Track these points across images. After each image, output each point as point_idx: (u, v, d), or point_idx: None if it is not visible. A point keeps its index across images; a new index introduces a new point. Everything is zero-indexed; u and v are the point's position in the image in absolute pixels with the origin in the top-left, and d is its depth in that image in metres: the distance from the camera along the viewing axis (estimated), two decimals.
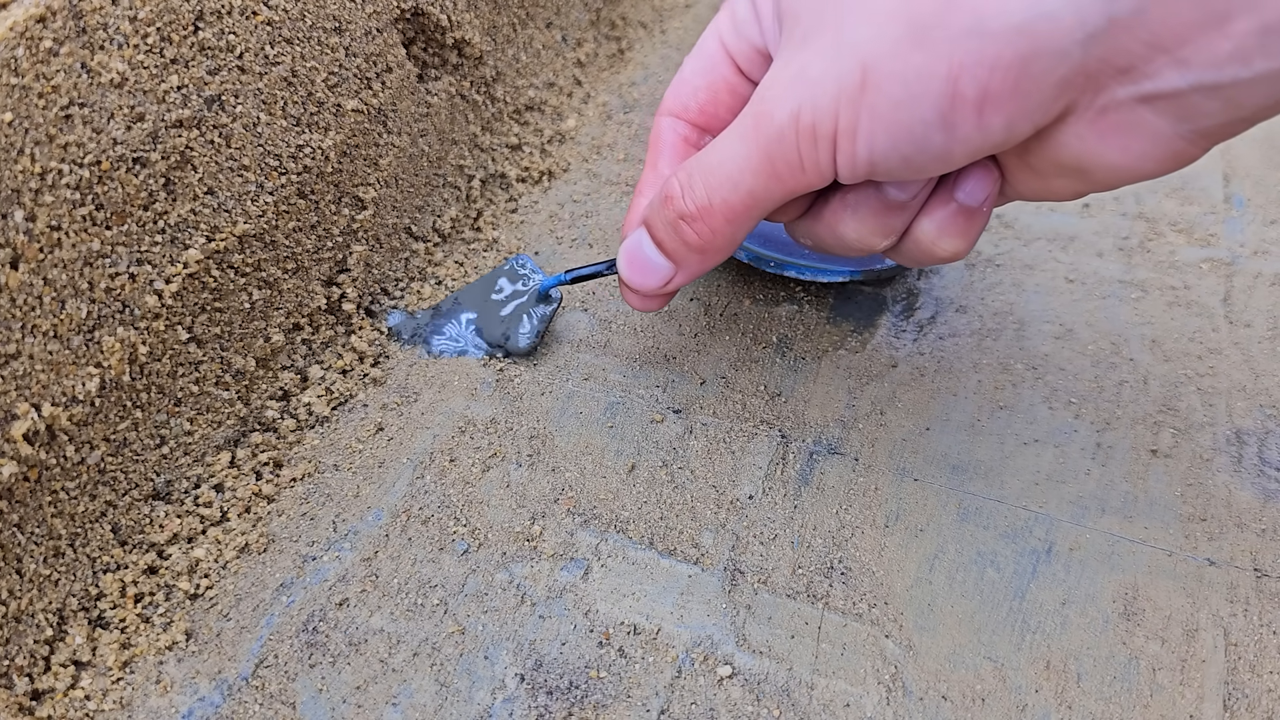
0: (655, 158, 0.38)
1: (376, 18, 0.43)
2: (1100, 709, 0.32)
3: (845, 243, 0.34)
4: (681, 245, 0.34)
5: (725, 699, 0.32)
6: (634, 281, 0.36)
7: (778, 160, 0.31)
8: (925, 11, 0.27)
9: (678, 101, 0.37)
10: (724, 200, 0.32)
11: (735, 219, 0.32)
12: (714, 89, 0.37)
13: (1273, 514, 0.37)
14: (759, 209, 0.32)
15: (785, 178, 0.31)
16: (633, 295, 0.37)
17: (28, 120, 0.31)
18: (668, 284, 0.36)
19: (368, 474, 0.39)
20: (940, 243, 0.33)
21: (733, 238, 0.33)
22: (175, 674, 0.33)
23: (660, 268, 0.35)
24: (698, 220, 0.33)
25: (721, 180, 0.32)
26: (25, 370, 0.31)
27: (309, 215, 0.41)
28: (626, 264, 0.36)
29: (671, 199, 0.33)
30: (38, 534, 0.32)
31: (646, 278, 0.36)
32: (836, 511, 0.38)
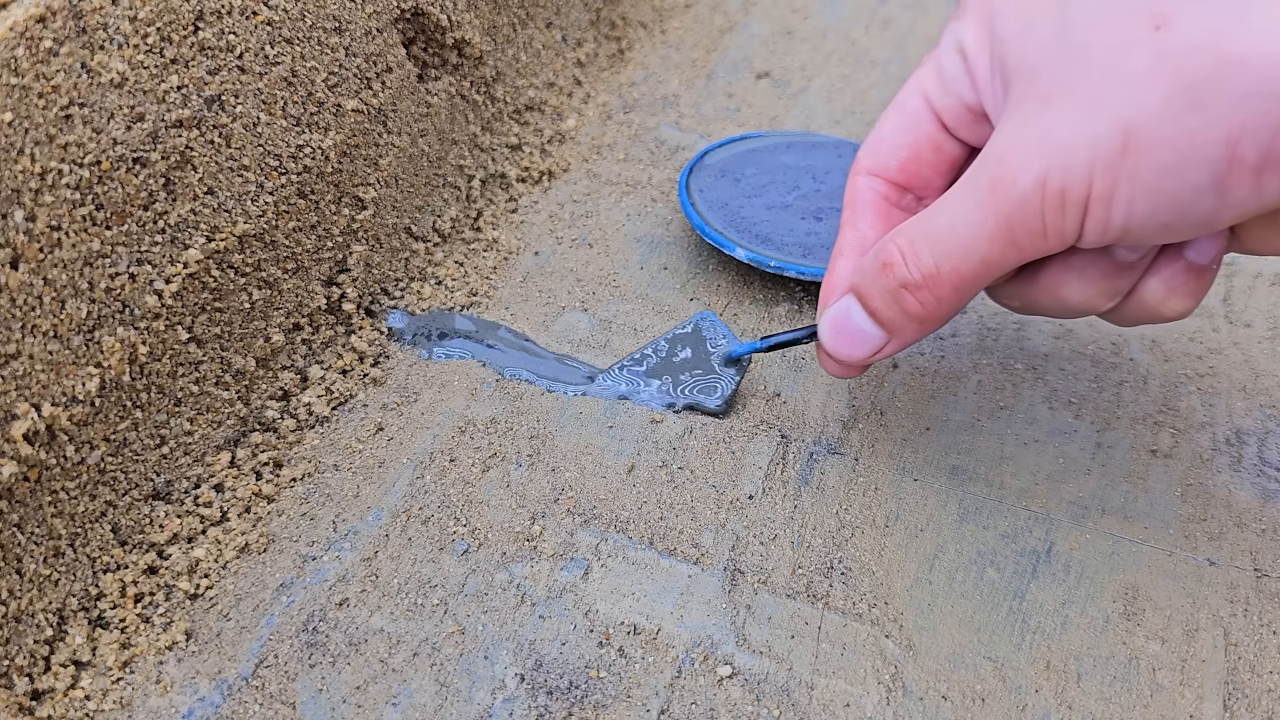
0: (854, 217, 0.36)
1: (376, 18, 0.43)
2: (1100, 709, 0.32)
3: (1066, 306, 0.32)
4: (900, 314, 0.32)
5: (725, 699, 0.32)
6: (840, 352, 0.34)
7: (1018, 227, 0.29)
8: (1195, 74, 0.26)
9: (876, 160, 0.36)
10: (954, 269, 0.31)
11: (963, 288, 0.31)
12: (917, 147, 0.35)
13: (1273, 514, 0.37)
14: (989, 277, 0.31)
15: (1024, 245, 0.29)
16: (832, 364, 0.36)
17: (28, 120, 0.31)
18: (877, 354, 0.34)
19: (368, 474, 0.39)
20: (1168, 303, 0.32)
21: (956, 307, 0.32)
22: (175, 674, 0.33)
23: (871, 338, 0.33)
24: (923, 289, 0.31)
25: (953, 248, 0.30)
26: (25, 370, 0.31)
27: (309, 215, 0.41)
28: (832, 334, 0.34)
29: (892, 266, 0.32)
30: (38, 534, 0.32)
31: (855, 348, 0.34)
32: (836, 511, 0.38)
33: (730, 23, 0.62)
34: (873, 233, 0.36)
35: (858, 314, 0.33)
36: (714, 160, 0.50)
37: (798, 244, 0.45)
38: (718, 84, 0.58)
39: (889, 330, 0.33)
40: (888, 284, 0.32)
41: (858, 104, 0.56)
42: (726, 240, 0.45)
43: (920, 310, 0.32)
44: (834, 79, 0.58)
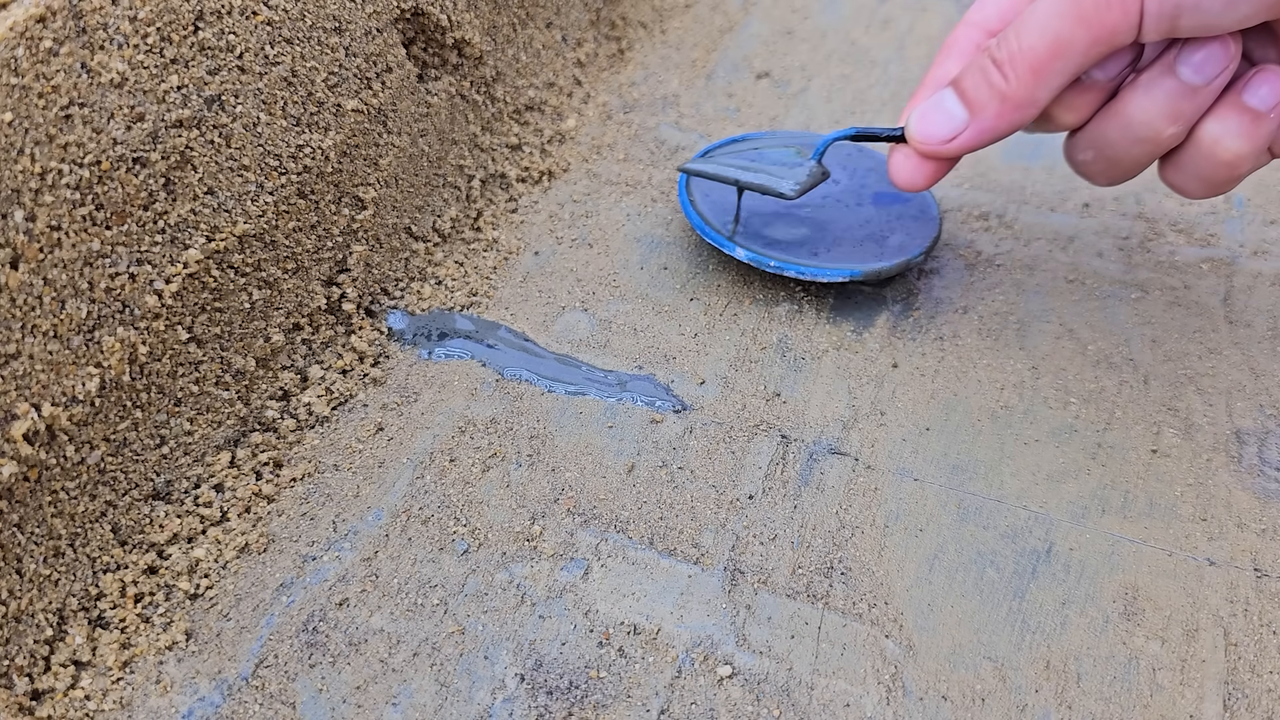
0: (944, 58, 0.39)
1: (376, 18, 0.43)
2: (1100, 709, 0.32)
3: (1132, 130, 0.35)
4: (986, 89, 0.35)
5: (725, 699, 0.32)
6: (922, 131, 0.37)
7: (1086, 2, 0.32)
8: None
9: (980, 14, 0.39)
10: (1031, 45, 0.33)
11: (1040, 67, 0.33)
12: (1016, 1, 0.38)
13: (1273, 514, 0.37)
14: (1063, 58, 0.33)
15: (1091, 18, 0.32)
16: (907, 163, 0.38)
17: (28, 120, 0.31)
18: (956, 137, 0.36)
19: (368, 474, 0.39)
20: (1223, 143, 0.34)
21: (1034, 90, 0.34)
22: (175, 674, 0.33)
23: (955, 117, 0.36)
24: (1005, 64, 0.34)
25: (1031, 26, 0.33)
26: (25, 370, 0.31)
27: (309, 215, 0.41)
28: (919, 117, 0.37)
29: (987, 49, 0.35)
30: (38, 534, 0.32)
31: (939, 127, 0.36)
32: (836, 511, 0.38)
33: (730, 23, 0.62)
34: (957, 70, 0.38)
35: (949, 97, 0.36)
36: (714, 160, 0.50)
37: (798, 244, 0.45)
38: (718, 84, 0.58)
39: (973, 109, 0.35)
40: (982, 62, 0.35)
41: (858, 104, 0.56)
42: (726, 240, 0.45)
43: (1002, 85, 0.34)
44: (834, 79, 0.58)
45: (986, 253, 0.48)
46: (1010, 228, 0.49)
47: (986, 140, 0.36)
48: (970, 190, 0.51)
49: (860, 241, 0.46)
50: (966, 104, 0.36)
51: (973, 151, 0.37)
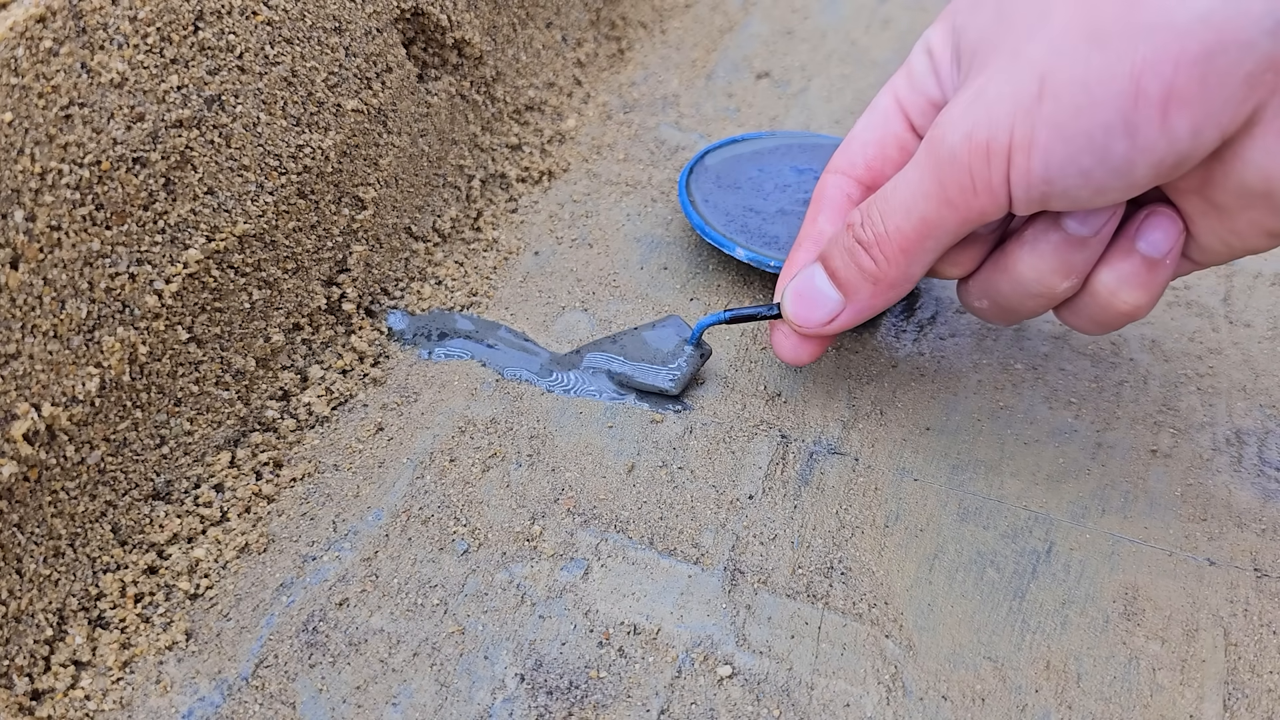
0: (816, 213, 0.38)
1: (376, 18, 0.43)
2: (1100, 709, 0.32)
3: (1023, 285, 0.33)
4: (856, 273, 0.34)
5: (725, 699, 0.32)
6: (798, 315, 0.36)
7: (949, 183, 0.30)
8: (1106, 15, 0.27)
9: (845, 159, 0.37)
10: (897, 227, 0.32)
11: (909, 248, 0.32)
12: (882, 145, 0.36)
13: (1273, 514, 0.37)
14: (932, 239, 0.32)
15: (957, 202, 0.30)
16: (787, 342, 0.37)
17: (28, 120, 0.31)
18: (833, 320, 0.35)
19: (368, 474, 0.39)
20: (1120, 294, 0.32)
21: (906, 270, 0.33)
22: (175, 674, 0.33)
23: (829, 300, 0.35)
24: (873, 246, 0.33)
25: (895, 207, 0.32)
26: (25, 370, 0.31)
27: (309, 215, 0.41)
28: (793, 299, 0.36)
29: (851, 226, 0.34)
30: (38, 534, 0.32)
31: (813, 311, 0.36)
32: (836, 511, 0.38)
33: (730, 23, 0.62)
34: (831, 227, 0.37)
35: (820, 277, 0.35)
36: (714, 160, 0.50)
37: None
38: (718, 84, 0.58)
39: (845, 291, 0.35)
40: (847, 242, 0.34)
41: (858, 104, 0.56)
42: (726, 240, 0.45)
43: (872, 268, 0.33)
44: (834, 79, 0.58)
45: None
46: None
47: (866, 316, 0.35)
48: None
49: None
50: (839, 286, 0.35)
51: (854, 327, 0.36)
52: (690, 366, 0.41)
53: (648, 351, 0.41)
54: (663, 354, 0.41)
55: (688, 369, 0.41)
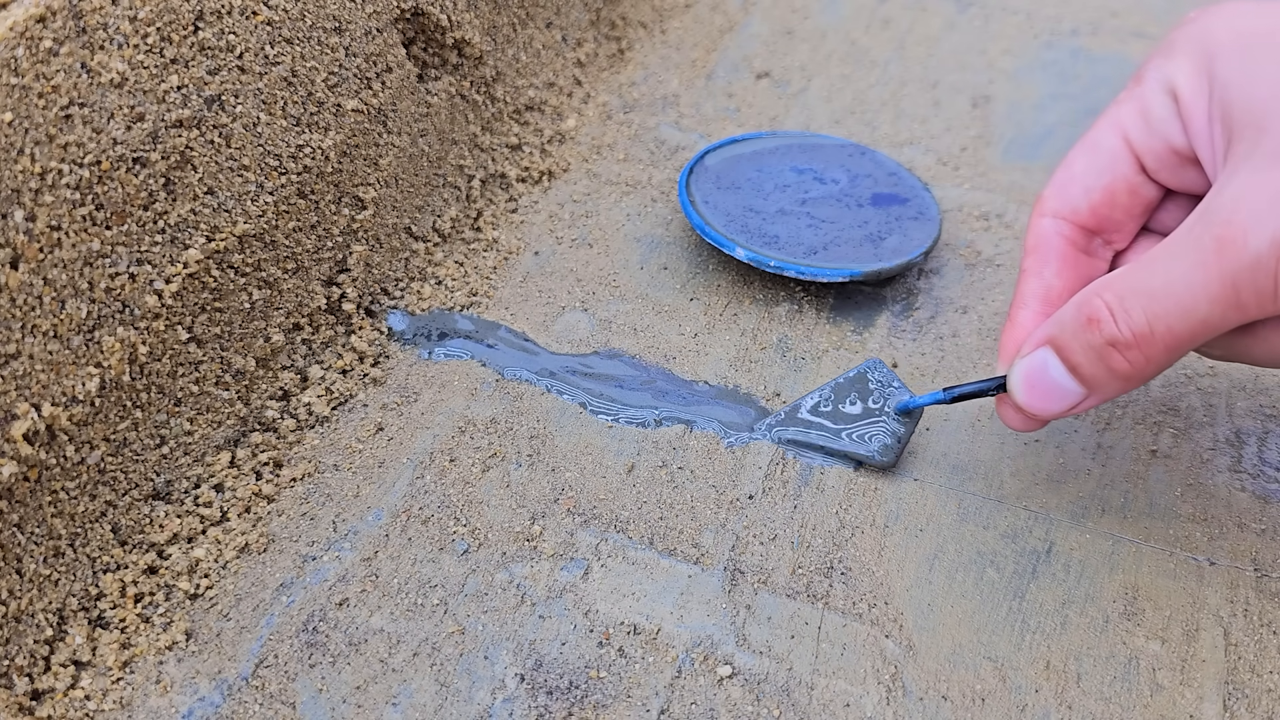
0: (1039, 265, 0.35)
1: (376, 18, 0.43)
2: (1100, 709, 0.32)
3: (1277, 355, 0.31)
4: (1105, 372, 0.31)
5: (725, 699, 0.32)
6: (1034, 407, 0.33)
7: (1245, 289, 0.28)
8: None
9: (1064, 202, 0.35)
10: (1169, 328, 0.29)
11: (1177, 348, 0.30)
12: (1111, 190, 0.34)
13: (1273, 514, 0.37)
14: (1205, 337, 0.29)
15: (1249, 307, 0.28)
16: (1017, 417, 0.34)
17: (28, 120, 0.31)
18: (1073, 410, 0.33)
19: (368, 474, 0.39)
20: None
21: (1165, 366, 0.30)
22: (175, 674, 0.33)
23: (1070, 393, 0.32)
24: (1133, 349, 0.30)
25: (1170, 308, 0.29)
26: (25, 370, 0.31)
27: (309, 215, 0.41)
28: (1026, 388, 0.33)
29: (1099, 323, 0.30)
30: (38, 534, 0.32)
31: (1051, 403, 0.32)
32: (836, 511, 0.38)
33: (730, 23, 0.62)
34: (1059, 281, 0.35)
35: (1055, 368, 0.32)
36: (714, 160, 0.50)
37: (799, 244, 0.45)
38: (718, 84, 0.58)
39: (1090, 387, 0.32)
40: (1093, 340, 0.30)
41: (858, 104, 0.56)
42: (726, 240, 0.45)
43: (1128, 370, 0.30)
44: (834, 79, 0.58)
45: (986, 253, 0.48)
46: (1010, 228, 0.49)
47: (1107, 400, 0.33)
48: (970, 190, 0.51)
49: (860, 242, 0.46)
50: (1081, 381, 0.32)
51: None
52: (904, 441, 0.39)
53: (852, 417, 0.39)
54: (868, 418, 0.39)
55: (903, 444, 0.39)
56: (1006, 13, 0.63)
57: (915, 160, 0.53)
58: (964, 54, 0.60)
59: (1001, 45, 0.60)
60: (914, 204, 0.48)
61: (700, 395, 0.42)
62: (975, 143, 0.54)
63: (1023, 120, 0.55)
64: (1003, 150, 0.53)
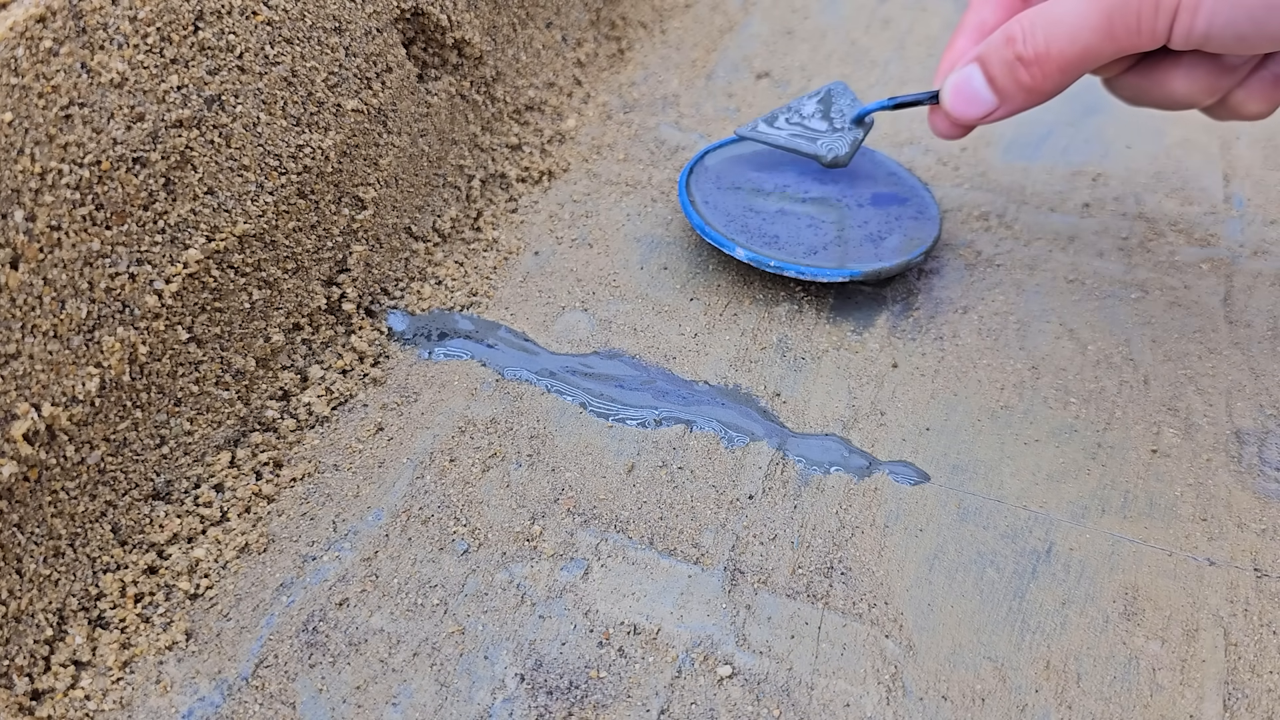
0: (982, 4, 0.42)
1: (376, 18, 0.43)
2: (1100, 709, 0.32)
3: (1172, 99, 0.38)
4: (1013, 83, 0.38)
5: (725, 699, 0.32)
6: (957, 110, 0.40)
7: (1116, 22, 0.34)
8: None
9: None
10: (1060, 50, 0.36)
11: (1067, 69, 0.36)
12: None
13: (1273, 514, 0.37)
14: (1089, 63, 0.36)
15: (1120, 39, 0.35)
16: (945, 123, 0.41)
17: (28, 120, 0.31)
18: (987, 117, 0.39)
19: (368, 474, 0.39)
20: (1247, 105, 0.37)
21: (1059, 85, 0.37)
22: (175, 674, 0.33)
23: (985, 101, 0.39)
24: (1033, 65, 0.37)
25: (1061, 32, 0.36)
26: (25, 370, 0.31)
27: (309, 215, 0.41)
28: (952, 95, 0.39)
29: (1013, 40, 0.37)
30: (38, 534, 0.32)
31: (970, 108, 0.39)
32: (836, 511, 0.38)
33: (730, 23, 0.62)
34: (993, 17, 0.41)
35: (978, 79, 0.39)
36: (714, 160, 0.50)
37: (799, 244, 0.45)
38: (718, 84, 0.58)
39: (1001, 97, 0.38)
40: (1006, 55, 0.37)
41: None
42: (726, 240, 0.45)
43: (1029, 82, 0.37)
44: (834, 79, 0.58)
45: (986, 253, 0.48)
46: (1010, 228, 0.49)
47: (1014, 114, 0.39)
48: (970, 190, 0.51)
49: (860, 242, 0.46)
50: (995, 90, 0.38)
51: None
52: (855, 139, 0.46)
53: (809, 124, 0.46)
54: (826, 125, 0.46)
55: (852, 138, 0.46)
56: None
57: (915, 160, 0.53)
58: None
59: None
60: (914, 204, 0.48)
61: (700, 395, 0.42)
62: (975, 143, 0.54)
63: (1022, 120, 0.55)
64: (1003, 150, 0.53)
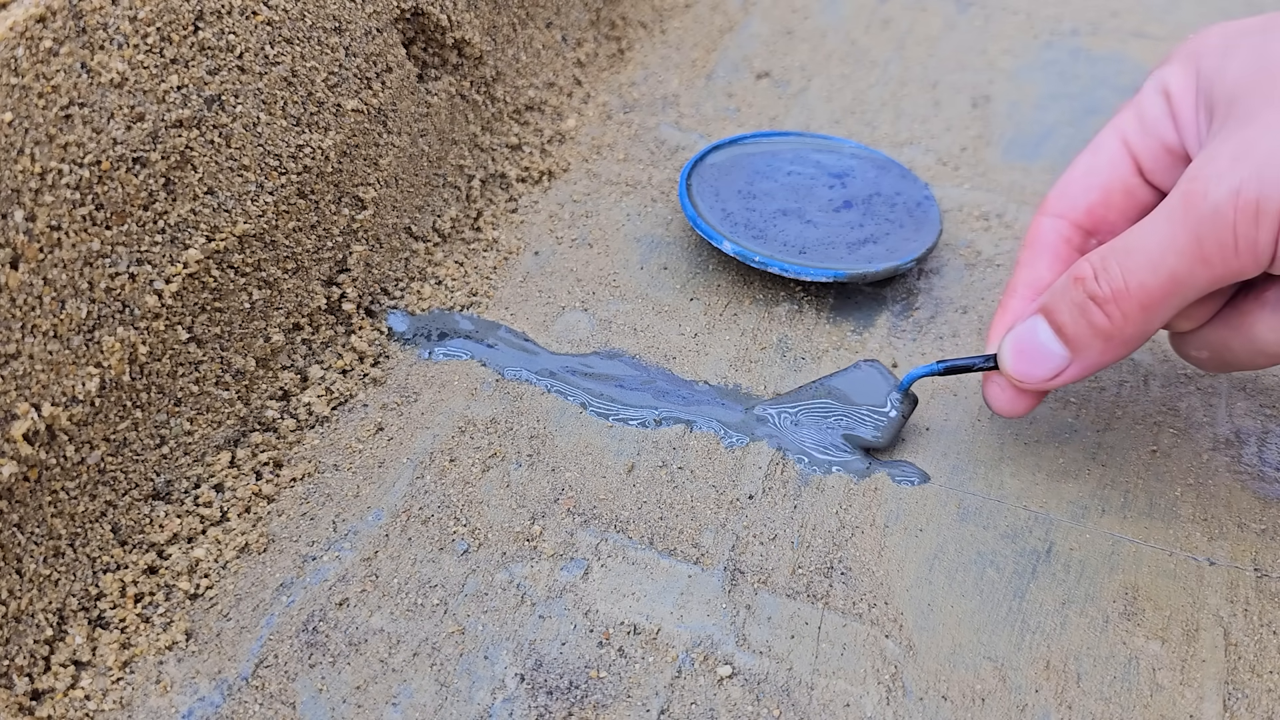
0: (1033, 258, 0.36)
1: (376, 18, 0.43)
2: (1100, 709, 0.32)
3: (1258, 345, 0.32)
4: (1087, 329, 0.32)
5: (725, 699, 0.32)
6: (1019, 371, 0.34)
7: (1208, 241, 0.29)
8: None
9: (1064, 201, 0.36)
10: (1141, 284, 0.30)
11: (1151, 305, 0.30)
12: (1107, 190, 0.35)
13: (1273, 514, 0.37)
14: (1178, 296, 0.30)
15: (1214, 261, 0.29)
16: (1006, 393, 0.35)
17: (28, 120, 0.31)
18: (1058, 375, 0.33)
19: (368, 474, 0.39)
20: None
21: (1144, 328, 0.31)
22: (175, 674, 0.33)
23: (1054, 356, 0.33)
24: (1110, 303, 0.31)
25: (1141, 263, 0.30)
26: (25, 370, 0.31)
27: (309, 215, 0.41)
28: (1013, 354, 0.34)
29: (1082, 280, 0.32)
30: (38, 534, 0.32)
31: (1036, 366, 0.34)
32: (836, 511, 0.38)
33: (730, 23, 0.62)
34: (1050, 275, 0.36)
35: (1043, 330, 0.33)
36: (715, 159, 0.50)
37: (795, 242, 0.45)
38: (718, 84, 0.58)
39: (1074, 347, 0.33)
40: (1077, 297, 0.32)
41: (858, 104, 0.56)
42: (716, 233, 0.45)
43: (1106, 325, 0.31)
44: (834, 79, 0.58)
45: (986, 253, 0.48)
46: (1010, 228, 0.49)
47: (1093, 372, 0.34)
48: (970, 190, 0.51)
49: (854, 244, 0.46)
50: (1066, 341, 0.33)
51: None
52: (898, 416, 0.39)
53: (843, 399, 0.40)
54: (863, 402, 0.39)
55: (895, 419, 0.39)
56: (1006, 13, 0.63)
57: (915, 160, 0.53)
58: (964, 54, 0.60)
59: (1001, 45, 0.60)
60: (914, 204, 0.48)
61: (700, 395, 0.42)
62: (975, 143, 0.54)
63: (1023, 120, 0.55)
64: (1003, 150, 0.53)
